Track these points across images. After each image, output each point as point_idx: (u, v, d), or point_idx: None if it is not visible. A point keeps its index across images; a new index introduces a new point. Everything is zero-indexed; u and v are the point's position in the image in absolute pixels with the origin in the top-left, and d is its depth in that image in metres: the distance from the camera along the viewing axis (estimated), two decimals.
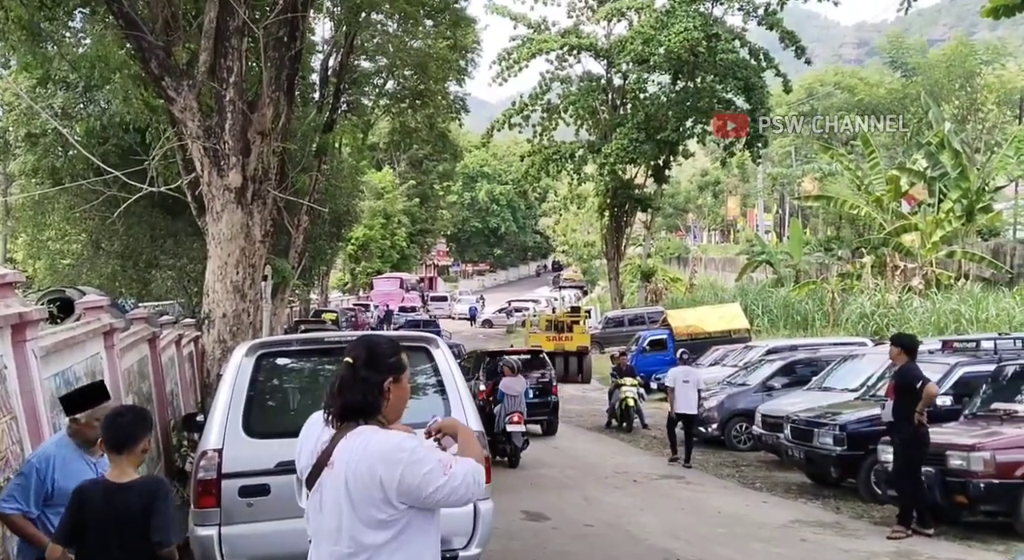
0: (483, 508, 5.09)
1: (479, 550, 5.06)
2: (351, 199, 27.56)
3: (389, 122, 29.66)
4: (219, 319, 9.32)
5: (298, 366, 5.29)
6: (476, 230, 76.69)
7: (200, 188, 9.76)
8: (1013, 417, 8.46)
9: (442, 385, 5.39)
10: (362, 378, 2.38)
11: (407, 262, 54.52)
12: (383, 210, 48.40)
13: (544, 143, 32.16)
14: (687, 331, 23.79)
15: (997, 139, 31.46)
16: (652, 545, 7.38)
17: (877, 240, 26.47)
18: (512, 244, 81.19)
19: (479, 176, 74.43)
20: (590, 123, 32.36)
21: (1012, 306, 18.80)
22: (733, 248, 51.09)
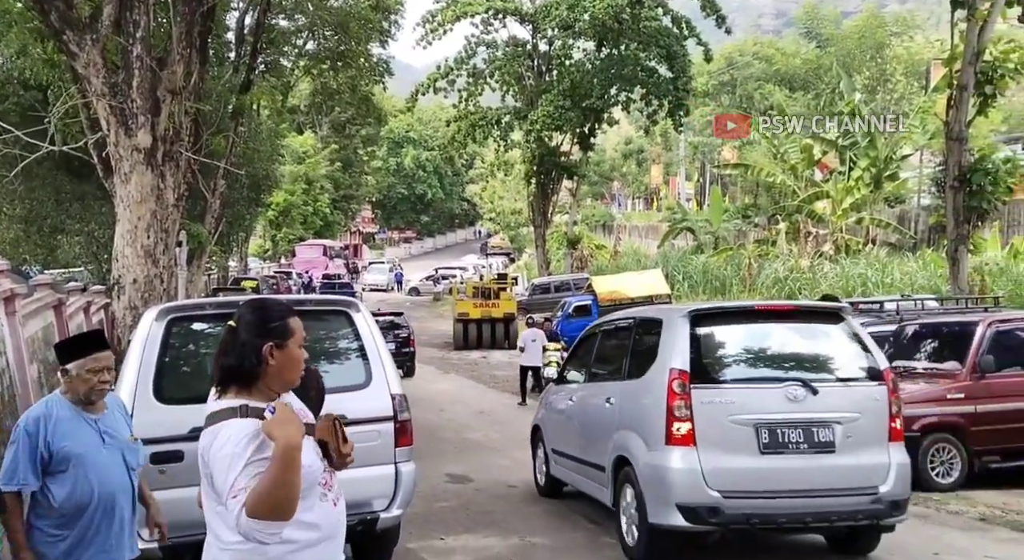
0: (404, 470, 5.10)
1: (400, 512, 5.08)
2: (270, 163, 26.76)
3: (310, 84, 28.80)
4: (129, 285, 8.97)
5: (213, 330, 5.15)
6: (402, 197, 75.79)
7: (107, 149, 9.31)
8: (912, 374, 8.94)
9: (363, 349, 5.34)
10: (241, 342, 2.27)
11: (331, 229, 53.46)
12: (305, 175, 47.19)
13: (470, 108, 31.85)
14: (611, 297, 24.13)
15: (904, 109, 32.74)
16: (573, 503, 7.54)
17: (791, 207, 27.34)
18: (439, 211, 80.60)
19: (405, 141, 73.33)
20: (516, 89, 32.20)
21: (915, 270, 19.75)
22: (656, 216, 51.91)
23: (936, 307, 11.58)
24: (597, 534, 6.46)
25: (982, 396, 8.25)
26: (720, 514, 5.22)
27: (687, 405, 5.36)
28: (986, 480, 8.00)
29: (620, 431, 5.97)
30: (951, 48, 12.97)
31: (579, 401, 7.08)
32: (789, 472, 5.35)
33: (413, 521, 6.58)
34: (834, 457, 5.38)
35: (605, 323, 7.48)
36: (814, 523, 5.44)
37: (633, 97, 30.06)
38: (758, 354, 5.90)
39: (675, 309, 6.53)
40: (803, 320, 6.12)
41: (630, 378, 6.14)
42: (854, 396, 5.57)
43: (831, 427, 5.40)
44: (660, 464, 5.39)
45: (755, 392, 5.51)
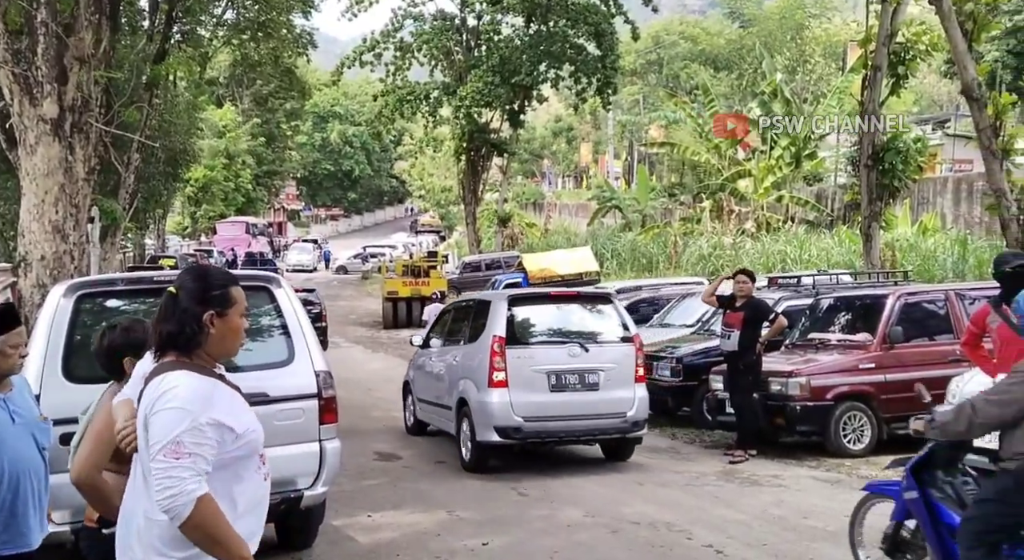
0: (329, 447, 5.05)
1: (325, 489, 5.03)
2: (188, 137, 25.84)
3: (229, 55, 27.87)
4: (37, 262, 8.55)
5: (125, 306, 4.96)
6: (328, 173, 74.33)
7: (11, 119, 8.83)
8: (827, 345, 9.28)
9: (285, 326, 5.23)
10: (182, 308, 2.25)
11: (253, 206, 51.97)
12: (225, 150, 45.64)
13: (398, 83, 31.29)
14: (541, 275, 24.30)
15: (823, 89, 33.73)
16: (501, 476, 7.62)
17: (715, 185, 27.91)
18: (367, 188, 79.42)
19: (330, 116, 71.79)
20: (445, 64, 31.80)
21: (831, 246, 20.45)
22: (585, 194, 52.34)
23: (850, 281, 11.99)
24: (525, 506, 6.54)
25: (891, 365, 8.61)
26: (522, 432, 7.66)
27: (503, 360, 7.66)
28: (894, 446, 8.38)
29: (462, 380, 8.17)
30: (866, 29, 13.37)
31: (436, 360, 9.25)
32: (569, 404, 7.78)
33: (340, 499, 6.53)
34: (598, 393, 7.83)
35: (455, 303, 10.51)
36: (585, 437, 8.13)
37: (562, 74, 30.06)
38: (551, 325, 8.41)
39: (498, 294, 9.42)
40: (583, 302, 8.72)
41: (469, 342, 8.40)
42: (613, 353, 8.02)
43: (597, 373, 7.85)
44: (484, 400, 7.65)
45: (548, 350, 7.97)
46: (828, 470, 7.80)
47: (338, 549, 5.48)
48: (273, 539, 5.39)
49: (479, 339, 8.06)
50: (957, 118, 30.88)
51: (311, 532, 5.37)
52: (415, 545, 5.52)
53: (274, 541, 5.38)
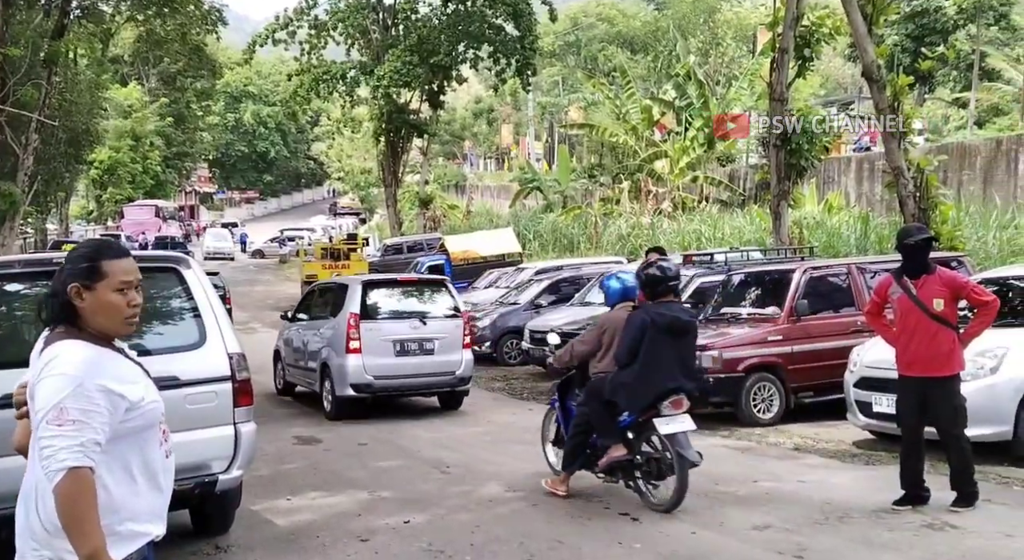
0: (244, 430, 4.95)
1: (241, 473, 4.94)
2: (91, 117, 24.70)
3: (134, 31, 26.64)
4: None
5: (23, 290, 4.73)
6: (242, 155, 72.26)
7: None
8: (738, 319, 9.60)
9: (196, 308, 5.09)
10: (60, 281, 2.22)
11: (163, 189, 50.00)
12: (131, 131, 43.75)
13: (313, 62, 30.57)
14: (463, 256, 24.27)
15: (735, 72, 34.61)
16: (423, 456, 7.64)
17: (633, 166, 28.37)
18: (283, 170, 77.56)
19: (243, 96, 69.66)
20: (361, 43, 31.22)
21: (743, 225, 21.09)
22: (507, 175, 52.41)
23: (760, 258, 12.40)
24: (447, 484, 6.57)
25: (798, 337, 8.97)
26: (373, 387, 9.66)
27: (357, 331, 9.58)
28: (801, 414, 8.78)
29: (324, 348, 10.10)
30: (774, 13, 13.77)
31: (303, 332, 11.07)
32: (410, 365, 9.79)
33: (258, 483, 6.43)
34: (433, 356, 9.84)
35: (320, 285, 12.37)
36: (423, 390, 10.22)
37: (481, 55, 29.93)
38: (397, 304, 10.37)
39: (354, 279, 11.23)
40: (423, 286, 11.05)
41: (331, 317, 10.29)
42: (445, 325, 10.02)
43: (433, 341, 9.86)
44: (343, 363, 9.57)
45: (394, 323, 9.96)
46: (739, 439, 8.10)
47: (256, 533, 5.40)
48: (189, 525, 5.27)
49: (339, 315, 9.99)
50: (860, 100, 32.18)
51: (227, 517, 5.28)
52: (336, 526, 5.49)
53: (190, 527, 5.27)
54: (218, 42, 39.05)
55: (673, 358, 5.57)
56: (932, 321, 5.34)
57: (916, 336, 5.42)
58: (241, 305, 15.50)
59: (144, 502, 2.20)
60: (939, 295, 5.37)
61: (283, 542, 5.22)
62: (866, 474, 6.58)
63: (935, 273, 5.46)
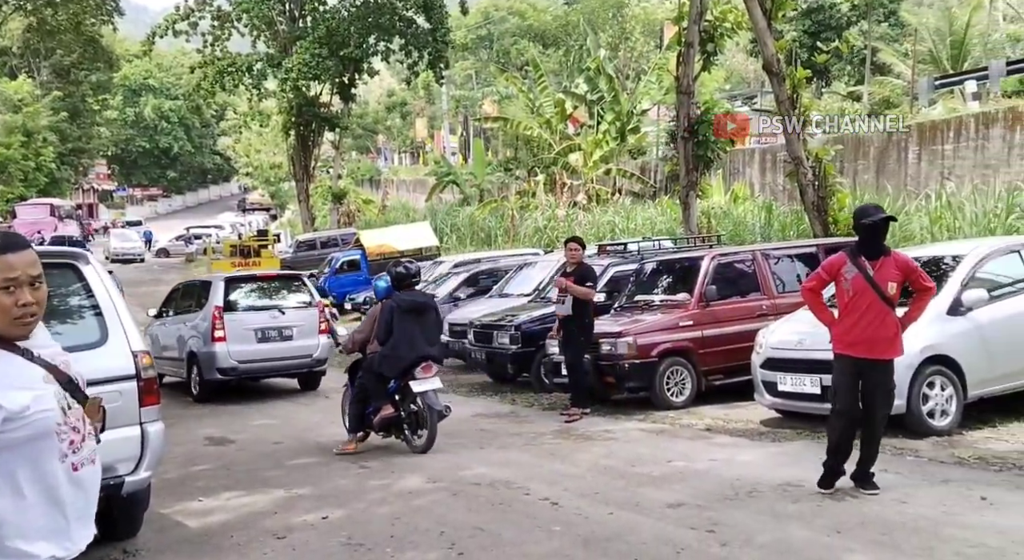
0: (151, 430, 4.78)
1: (148, 473, 4.77)
2: None
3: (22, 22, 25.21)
4: None
5: None
6: (144, 150, 69.35)
7: None
8: (651, 306, 9.82)
9: (97, 306, 4.88)
10: None
11: (58, 186, 47.39)
12: (23, 126, 41.32)
13: (217, 54, 29.59)
14: (379, 251, 24.04)
15: (644, 66, 35.32)
16: (339, 455, 7.52)
17: (548, 160, 28.65)
18: (188, 166, 74.80)
19: (143, 90, 66.83)
20: (268, 35, 30.38)
21: (655, 215, 21.61)
22: (423, 170, 52.06)
23: (671, 247, 12.75)
24: (365, 478, 6.50)
25: (707, 322, 9.24)
26: (238, 371, 10.93)
27: (222, 323, 10.80)
28: (712, 396, 9.06)
29: (191, 338, 11.27)
30: (679, 8, 14.13)
31: (169, 326, 12.10)
32: (271, 350, 11.04)
33: (167, 486, 6.22)
34: (292, 342, 11.12)
35: (184, 283, 13.63)
36: (284, 372, 11.54)
37: (393, 48, 29.61)
38: (258, 297, 11.67)
39: (217, 277, 12.06)
40: (282, 280, 12.48)
41: (196, 311, 11.46)
42: (302, 314, 11.36)
43: (291, 328, 11.15)
44: (209, 351, 10.81)
45: (255, 314, 11.24)
46: (654, 422, 8.31)
47: (166, 536, 5.22)
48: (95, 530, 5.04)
49: (204, 309, 11.17)
50: (762, 94, 33.36)
51: (135, 520, 5.09)
52: (250, 525, 5.36)
53: (96, 533, 5.04)
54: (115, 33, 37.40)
55: (419, 333, 7.23)
56: (884, 304, 5.29)
57: (866, 317, 5.32)
58: (144, 305, 14.89)
59: (35, 519, 2.03)
60: (893, 278, 5.33)
61: (195, 544, 5.07)
62: (773, 451, 6.85)
63: (891, 256, 5.42)
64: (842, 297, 5.48)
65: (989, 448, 6.39)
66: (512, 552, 4.64)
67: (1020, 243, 7.95)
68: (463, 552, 4.64)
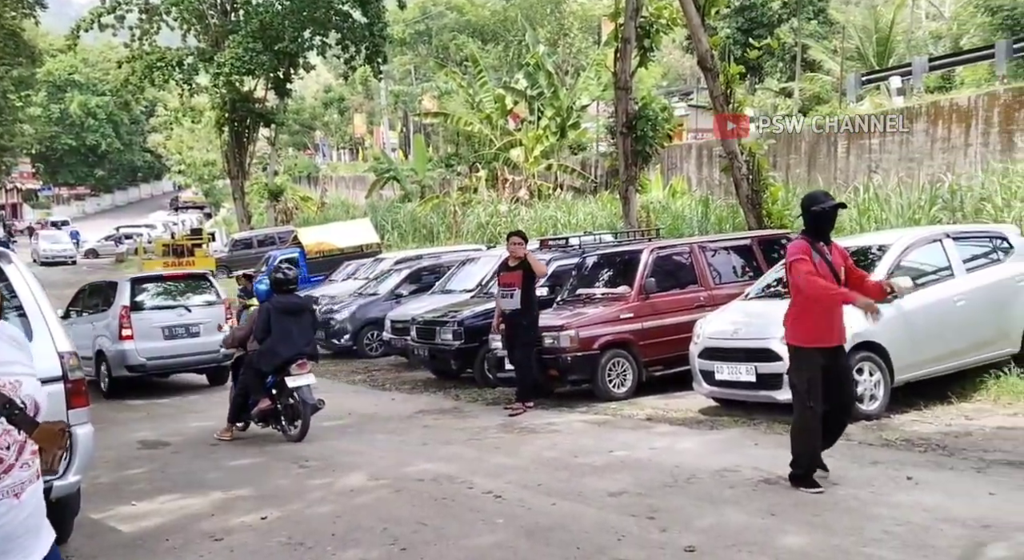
0: (80, 433, 4.62)
1: (78, 478, 4.61)
2: None
3: None
4: None
5: None
6: (70, 148, 66.88)
7: None
8: (592, 299, 9.92)
9: (20, 306, 4.69)
10: None
11: None
12: None
13: (145, 49, 28.66)
14: (318, 249, 23.70)
15: (582, 62, 35.56)
16: (280, 452, 7.42)
17: (489, 155, 28.63)
18: (117, 164, 72.42)
19: (69, 85, 64.41)
20: (199, 28, 29.60)
21: (595, 210, 21.80)
22: (362, 166, 51.45)
23: (612, 241, 12.88)
24: (306, 478, 6.41)
25: (647, 314, 9.38)
26: (146, 368, 11.40)
27: (129, 322, 11.22)
28: (652, 387, 9.20)
29: (99, 337, 11.60)
30: (615, 4, 14.26)
31: (76, 326, 11.92)
32: (179, 346, 11.51)
33: (99, 491, 6.04)
34: (199, 338, 11.61)
35: (90, 284, 13.83)
36: (192, 367, 11.93)
37: (329, 42, 29.16)
38: (165, 295, 12.10)
39: (124, 278, 12.41)
40: (188, 279, 12.93)
41: (103, 310, 11.82)
42: (208, 311, 11.85)
43: (198, 325, 11.66)
44: (118, 349, 11.24)
45: (163, 312, 11.63)
46: (597, 413, 8.39)
47: (98, 541, 5.06)
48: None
49: (111, 308, 11.53)
50: (698, 91, 33.96)
51: (65, 526, 4.90)
52: (187, 528, 5.24)
53: None
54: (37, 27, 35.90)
55: (294, 333, 7.80)
56: None
57: (832, 305, 5.25)
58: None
59: None
60: (839, 265, 5.31)
61: (128, 548, 4.93)
62: (711, 438, 7.00)
63: (832, 244, 5.42)
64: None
65: (915, 430, 6.63)
66: (455, 545, 4.64)
67: (942, 233, 8.25)
68: (406, 548, 4.62)
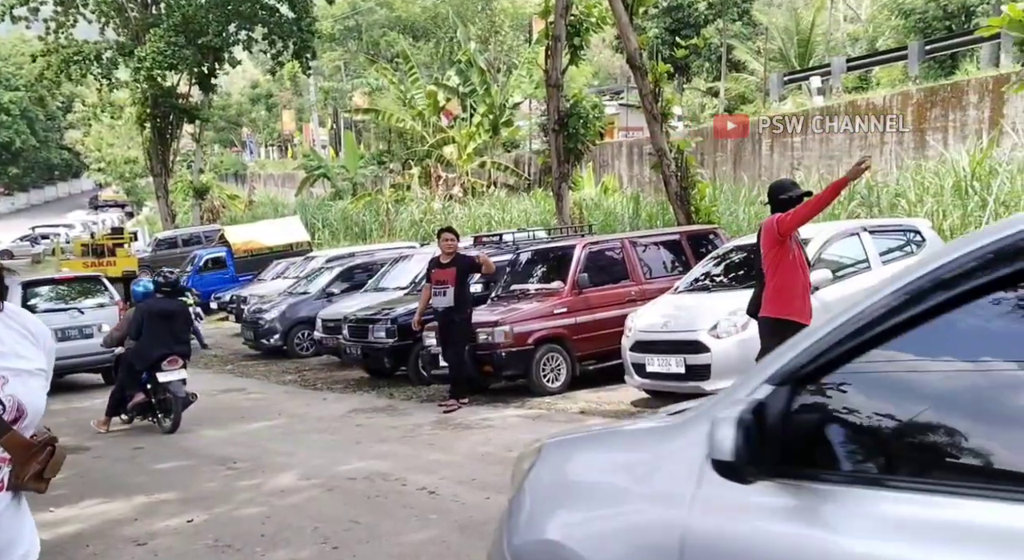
0: None
1: None
2: None
3: None
4: None
5: None
6: None
7: None
8: (527, 295, 9.96)
9: None
10: None
11: None
12: None
13: (62, 42, 27.54)
14: (246, 247, 23.23)
15: (514, 60, 35.65)
16: (207, 454, 7.22)
17: (422, 152, 28.46)
18: (32, 161, 69.28)
19: None
20: (118, 21, 28.59)
21: (529, 207, 21.92)
22: (292, 163, 50.49)
23: (545, 237, 12.97)
24: (234, 479, 6.26)
25: (581, 309, 9.46)
26: None
27: None
28: (586, 381, 9.29)
29: None
30: (545, 2, 14.34)
31: None
32: (72, 348, 11.40)
33: None
34: (92, 340, 11.61)
35: None
36: (86, 368, 12.07)
37: (255, 37, 28.52)
38: (58, 298, 12.47)
39: (15, 281, 11.98)
40: (81, 282, 13.27)
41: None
42: (103, 313, 12.14)
43: (92, 326, 11.88)
44: None
45: (55, 315, 11.55)
46: (531, 408, 8.43)
47: None
48: None
49: None
50: (629, 90, 34.43)
51: None
52: (109, 533, 5.06)
53: None
54: None
55: (166, 333, 8.39)
56: None
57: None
58: None
59: None
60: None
61: (47, 556, 4.65)
62: None
63: None
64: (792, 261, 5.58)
65: None
66: (388, 542, 4.59)
67: (860, 227, 8.57)
68: (337, 546, 4.55)
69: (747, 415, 1.57)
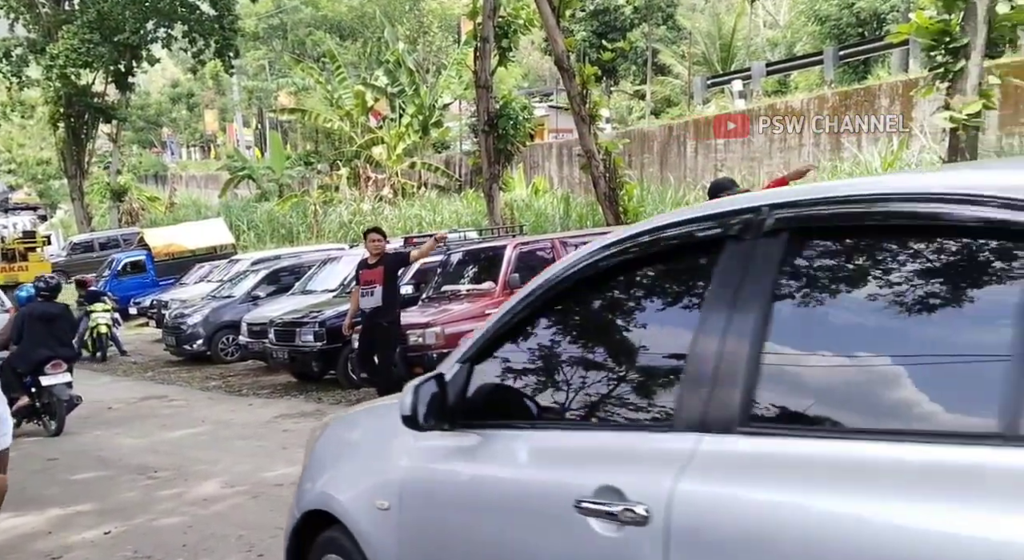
0: None
1: None
2: None
3: None
4: None
5: None
6: None
7: None
8: (458, 296, 9.93)
9: None
10: None
11: None
12: None
13: None
14: (167, 250, 22.49)
15: (443, 61, 35.54)
16: (127, 464, 6.96)
17: (351, 153, 28.09)
18: None
19: None
20: (28, 18, 27.38)
21: (460, 208, 21.90)
22: (215, 164, 49.10)
23: (476, 238, 12.95)
24: (155, 489, 6.05)
25: None
26: None
27: None
28: None
29: None
30: (473, 3, 14.36)
31: None
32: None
33: None
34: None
35: None
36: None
37: (175, 34, 27.69)
38: None
39: None
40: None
41: None
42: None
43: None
44: None
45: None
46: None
47: None
48: None
49: None
50: (558, 92, 34.73)
51: None
52: (21, 547, 4.82)
53: None
54: None
55: (48, 336, 8.41)
56: None
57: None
58: None
59: None
60: None
61: None
62: None
63: None
64: None
65: None
66: None
67: None
68: (263, 553, 4.44)
69: (424, 384, 2.20)
